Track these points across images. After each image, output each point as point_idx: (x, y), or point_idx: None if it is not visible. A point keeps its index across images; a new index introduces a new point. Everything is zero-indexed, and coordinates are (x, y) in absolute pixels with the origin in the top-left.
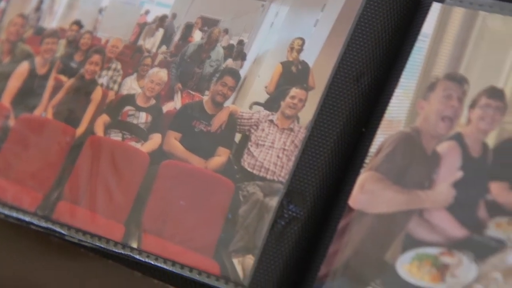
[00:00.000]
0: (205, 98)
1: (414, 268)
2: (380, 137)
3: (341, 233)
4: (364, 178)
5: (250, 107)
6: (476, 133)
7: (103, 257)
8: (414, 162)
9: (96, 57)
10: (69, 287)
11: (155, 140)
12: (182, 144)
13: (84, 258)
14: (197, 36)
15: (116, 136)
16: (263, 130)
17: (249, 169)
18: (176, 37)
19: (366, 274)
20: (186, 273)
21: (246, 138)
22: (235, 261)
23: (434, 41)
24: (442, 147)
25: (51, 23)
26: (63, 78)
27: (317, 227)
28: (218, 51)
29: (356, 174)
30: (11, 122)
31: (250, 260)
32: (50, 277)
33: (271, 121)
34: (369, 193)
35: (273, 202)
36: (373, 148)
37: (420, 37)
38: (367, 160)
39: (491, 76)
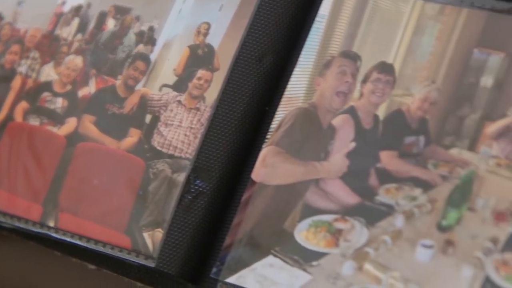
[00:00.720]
0: (118, 82)
1: (310, 235)
2: (281, 114)
3: (244, 205)
4: (265, 152)
5: (160, 89)
6: (368, 106)
7: (23, 238)
8: (311, 136)
9: (15, 47)
10: None
11: (71, 123)
12: (96, 127)
13: (6, 241)
14: (110, 24)
15: (34, 121)
16: (171, 110)
17: (158, 147)
18: (91, 26)
19: (267, 242)
20: (100, 248)
21: (156, 119)
22: (146, 235)
23: (330, 21)
24: (337, 121)
25: None
26: None
27: (223, 200)
28: (130, 37)
29: (259, 149)
30: None
31: (159, 234)
32: None
33: (179, 101)
34: (269, 167)
35: (181, 178)
36: (274, 124)
37: (317, 19)
38: (268, 136)
39: (381, 53)
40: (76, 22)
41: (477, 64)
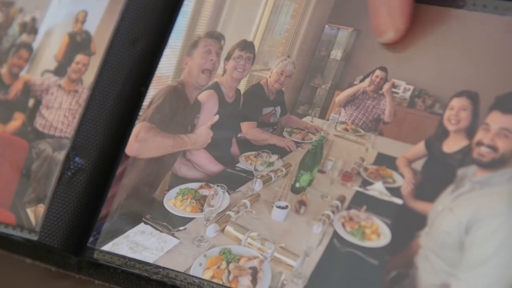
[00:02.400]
0: (3, 70)
1: (178, 202)
2: (152, 92)
3: (119, 178)
4: (138, 128)
5: (42, 75)
6: (230, 81)
7: None
8: (179, 111)
9: None
10: None
11: None
12: None
13: None
14: None
15: None
16: (52, 94)
17: (40, 129)
18: None
19: (138, 211)
20: None
21: (38, 103)
22: (29, 210)
23: (197, 4)
24: (202, 96)
25: None
26: None
27: (101, 175)
28: (14, 28)
29: (134, 126)
30: None
31: (41, 209)
32: None
33: (59, 85)
34: (142, 141)
35: (61, 156)
36: (146, 102)
37: (185, 2)
38: (141, 113)
39: (243, 32)
40: None
41: (328, 38)
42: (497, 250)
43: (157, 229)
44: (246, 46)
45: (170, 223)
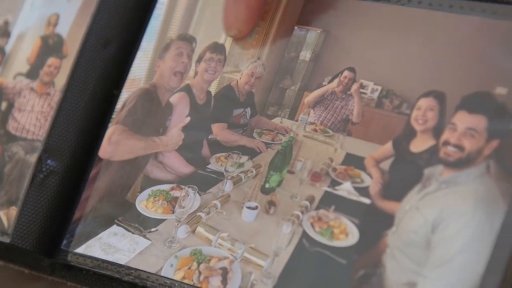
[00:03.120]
0: None
1: (149, 203)
2: (125, 95)
3: (92, 180)
4: (111, 131)
5: (14, 78)
6: (201, 83)
7: None
8: (151, 113)
9: None
10: None
11: None
12: None
13: None
14: None
15: None
16: (24, 96)
17: (13, 132)
18: None
19: (111, 213)
20: None
21: (10, 106)
22: (1, 213)
23: (169, 7)
24: (174, 98)
25: None
26: None
27: (74, 178)
28: None
29: (106, 129)
30: None
31: (13, 211)
32: None
33: (32, 88)
34: (115, 144)
35: (33, 158)
36: (119, 105)
37: (158, 5)
38: (114, 116)
39: (214, 34)
40: None
41: (297, 40)
42: (463, 248)
43: (129, 230)
44: (217, 48)
45: (142, 224)
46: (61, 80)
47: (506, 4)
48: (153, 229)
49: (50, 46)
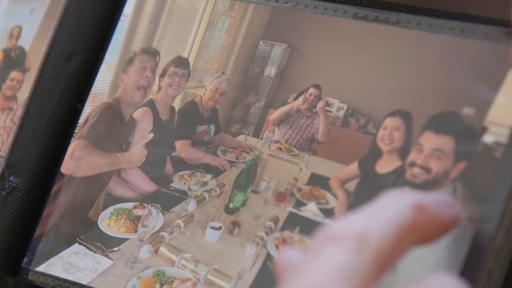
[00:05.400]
0: None
1: (112, 222)
2: (88, 109)
3: (54, 197)
4: (73, 146)
5: None
6: (165, 99)
7: None
8: (114, 128)
9: None
10: None
11: None
12: None
13: None
14: None
15: None
16: None
17: None
18: None
19: (73, 231)
20: None
21: None
22: None
23: (133, 20)
24: (137, 113)
25: None
26: None
27: (37, 194)
28: None
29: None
30: None
31: None
32: None
33: None
34: (77, 159)
35: None
36: (82, 119)
37: (122, 17)
38: (76, 130)
39: (178, 48)
40: None
41: (262, 55)
42: (428, 272)
43: (91, 249)
44: (181, 62)
45: (104, 243)
46: (23, 94)
47: (475, 23)
48: (115, 249)
49: (13, 59)
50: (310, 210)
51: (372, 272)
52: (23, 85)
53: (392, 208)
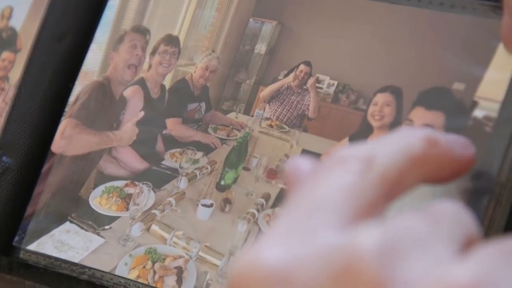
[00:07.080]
0: None
1: (103, 200)
2: (79, 88)
3: (45, 176)
4: (63, 125)
5: None
6: (155, 77)
7: None
8: (105, 107)
9: None
10: None
11: None
12: None
13: None
14: None
15: None
16: None
17: None
18: None
19: (64, 209)
20: None
21: None
22: None
23: None
24: (128, 92)
25: None
26: None
27: (30, 175)
28: None
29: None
30: None
31: None
32: None
33: None
34: (67, 138)
35: None
36: (72, 98)
37: None
38: (67, 109)
39: (168, 26)
40: None
41: (252, 32)
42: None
43: (82, 228)
44: (171, 40)
45: (96, 222)
46: (15, 74)
47: None
48: (106, 227)
49: (4, 39)
50: None
51: (377, 196)
52: (14, 65)
53: (402, 138)
